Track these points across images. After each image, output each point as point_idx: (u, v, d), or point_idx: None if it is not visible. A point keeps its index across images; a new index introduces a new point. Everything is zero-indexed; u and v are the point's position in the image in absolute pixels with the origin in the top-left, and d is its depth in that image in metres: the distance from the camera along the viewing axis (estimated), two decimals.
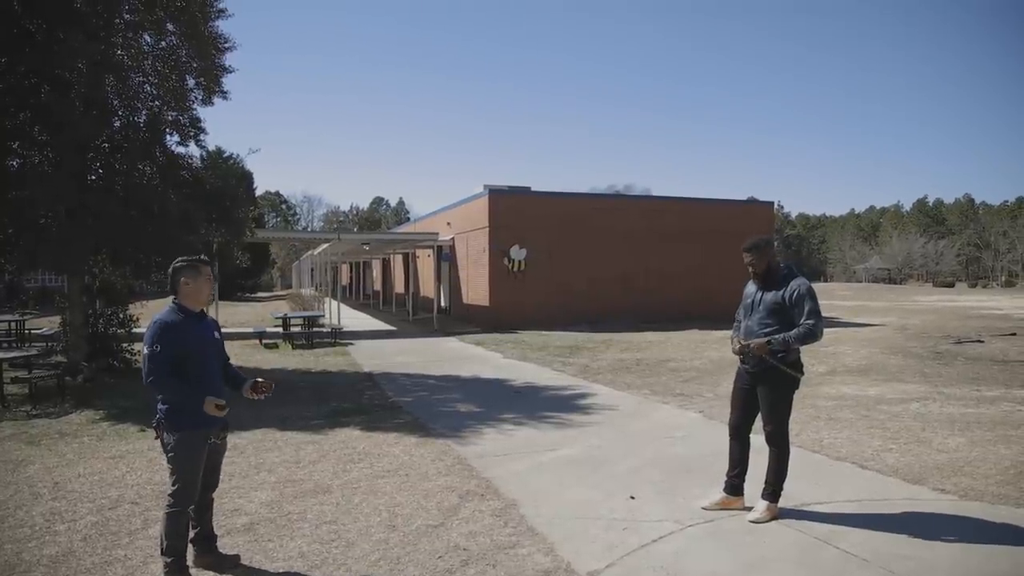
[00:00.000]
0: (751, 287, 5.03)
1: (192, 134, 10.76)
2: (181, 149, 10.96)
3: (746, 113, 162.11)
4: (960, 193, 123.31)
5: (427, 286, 30.09)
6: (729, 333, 5.22)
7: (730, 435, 5.12)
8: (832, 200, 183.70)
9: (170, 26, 10.35)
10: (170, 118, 10.57)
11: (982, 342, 16.22)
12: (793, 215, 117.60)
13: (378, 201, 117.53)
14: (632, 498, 5.31)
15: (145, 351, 3.78)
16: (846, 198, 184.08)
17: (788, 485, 4.92)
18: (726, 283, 23.31)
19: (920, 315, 26.97)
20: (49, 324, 16.67)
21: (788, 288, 4.74)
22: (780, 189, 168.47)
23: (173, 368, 3.78)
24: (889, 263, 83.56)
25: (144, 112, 10.47)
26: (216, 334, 4.13)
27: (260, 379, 4.16)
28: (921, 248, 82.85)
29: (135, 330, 12.19)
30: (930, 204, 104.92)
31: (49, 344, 13.83)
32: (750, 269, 4.92)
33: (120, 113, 10.42)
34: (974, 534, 4.53)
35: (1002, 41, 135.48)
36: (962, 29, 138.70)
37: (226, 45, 10.70)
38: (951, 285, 71.56)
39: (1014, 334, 17.98)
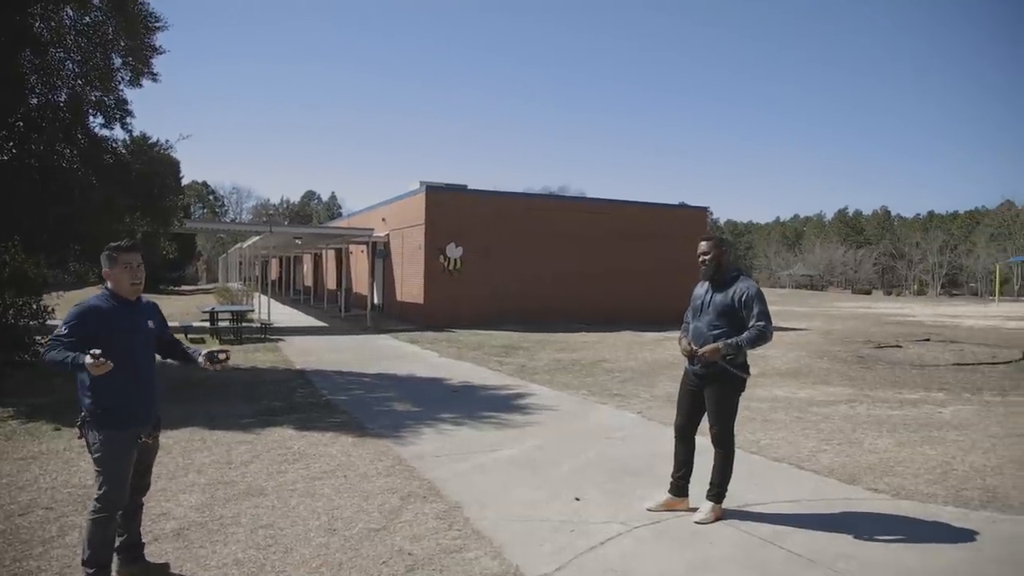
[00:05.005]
0: (699, 289, 5.05)
1: (117, 116, 10.14)
2: (105, 132, 10.34)
3: (678, 119, 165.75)
4: (878, 205, 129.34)
5: (360, 283, 29.56)
6: (665, 335, 5.23)
7: (676, 436, 5.12)
8: (758, 208, 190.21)
9: (95, 0, 9.75)
10: (94, 98, 9.95)
11: (900, 347, 16.96)
12: (722, 221, 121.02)
13: (310, 195, 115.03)
14: (577, 499, 5.25)
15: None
16: (772, 206, 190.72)
17: (731, 485, 4.96)
18: (660, 286, 23.83)
19: (842, 320, 28.09)
20: None
21: (737, 290, 4.77)
22: (709, 195, 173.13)
23: (74, 349, 3.44)
24: (812, 270, 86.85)
25: (65, 90, 9.82)
26: (150, 323, 3.85)
27: (215, 349, 3.95)
28: (842, 256, 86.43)
29: (49, 322, 11.46)
30: (850, 214, 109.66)
31: None
32: (701, 260, 4.92)
33: (38, 90, 9.76)
34: (909, 532, 4.66)
35: (922, 57, 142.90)
36: (881, 41, 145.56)
37: (157, 24, 10.14)
38: (868, 292, 74.97)
39: (928, 339, 18.89)
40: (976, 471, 6.10)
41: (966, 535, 4.60)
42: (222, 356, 3.91)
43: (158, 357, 3.98)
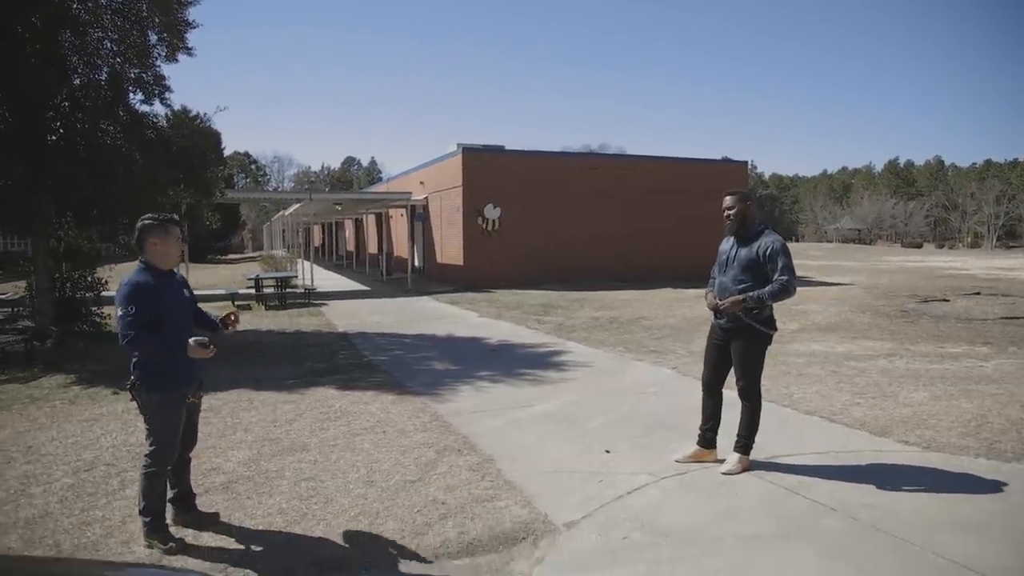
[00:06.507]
0: (725, 244, 5.08)
1: (156, 92, 10.43)
2: (145, 108, 10.64)
3: (721, 74, 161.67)
4: (931, 155, 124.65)
5: (401, 246, 29.91)
6: (703, 291, 5.28)
7: (703, 390, 5.21)
8: (805, 161, 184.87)
9: None
10: (132, 75, 10.24)
11: (947, 301, 16.61)
12: (766, 175, 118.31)
13: (350, 161, 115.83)
14: (607, 452, 5.40)
15: (119, 312, 3.70)
16: (819, 159, 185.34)
17: (760, 438, 5.04)
18: (699, 242, 23.50)
19: (888, 275, 27.49)
20: (14, 289, 16.29)
21: (762, 244, 4.78)
22: (754, 150, 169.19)
23: (148, 328, 3.72)
24: (860, 224, 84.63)
25: (105, 69, 10.12)
26: (186, 292, 4.07)
27: (221, 314, 4.16)
28: (891, 209, 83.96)
29: (104, 293, 11.98)
30: (901, 165, 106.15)
31: (15, 309, 13.54)
32: (726, 215, 4.94)
33: (80, 70, 10.07)
34: (936, 483, 4.69)
35: (977, 5, 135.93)
36: None
37: None
38: (919, 246, 72.82)
39: (978, 293, 18.43)
40: (1013, 424, 6.05)
41: (995, 486, 4.61)
42: (231, 319, 4.11)
43: None
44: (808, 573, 3.54)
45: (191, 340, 3.72)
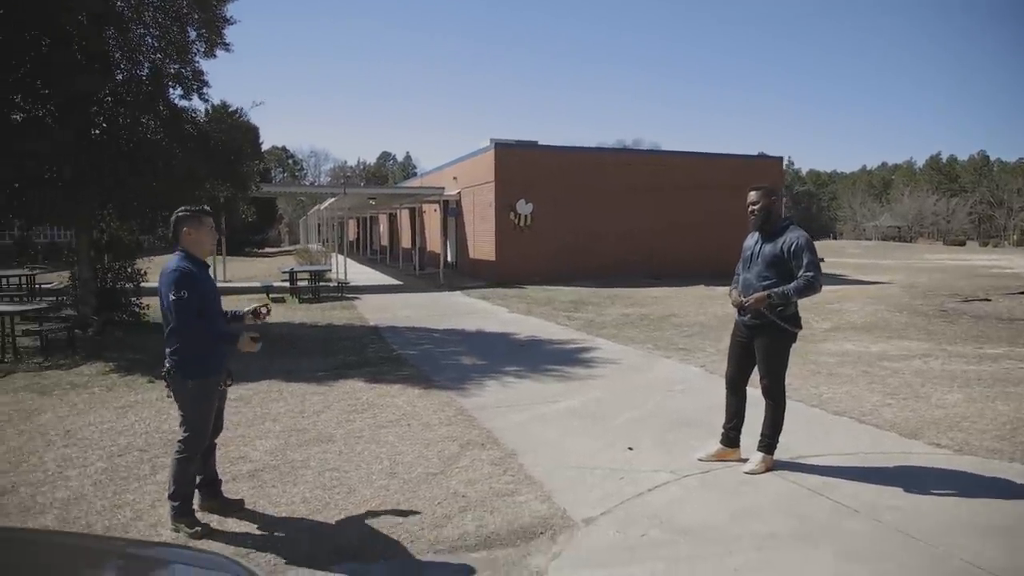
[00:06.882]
0: (750, 240, 5.03)
1: (195, 87, 10.66)
2: (184, 103, 10.88)
3: (758, 69, 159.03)
4: (975, 150, 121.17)
5: (433, 241, 30.09)
6: None
7: (727, 388, 5.18)
8: (844, 157, 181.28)
9: None
10: (172, 71, 10.46)
11: (989, 300, 16.19)
12: (804, 171, 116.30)
13: (385, 156, 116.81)
14: (630, 449, 5.40)
15: (172, 297, 3.80)
16: (858, 155, 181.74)
17: (785, 438, 4.99)
18: (733, 239, 23.20)
19: (928, 273, 26.86)
20: (59, 279, 16.82)
21: (786, 240, 4.73)
22: (791, 146, 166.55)
23: (197, 314, 3.84)
24: (900, 221, 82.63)
25: (146, 65, 10.37)
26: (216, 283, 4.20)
27: (256, 305, 4.26)
28: (933, 206, 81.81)
29: (143, 284, 12.29)
30: (943, 161, 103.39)
31: (59, 298, 13.96)
32: (750, 211, 4.90)
33: (122, 66, 10.34)
34: (965, 487, 4.59)
35: None
36: None
37: None
38: (962, 244, 70.90)
39: (1022, 293, 17.91)
40: None
41: None
42: (263, 311, 4.21)
43: None
44: (826, 574, 3.50)
45: (245, 332, 3.87)
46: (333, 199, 26.07)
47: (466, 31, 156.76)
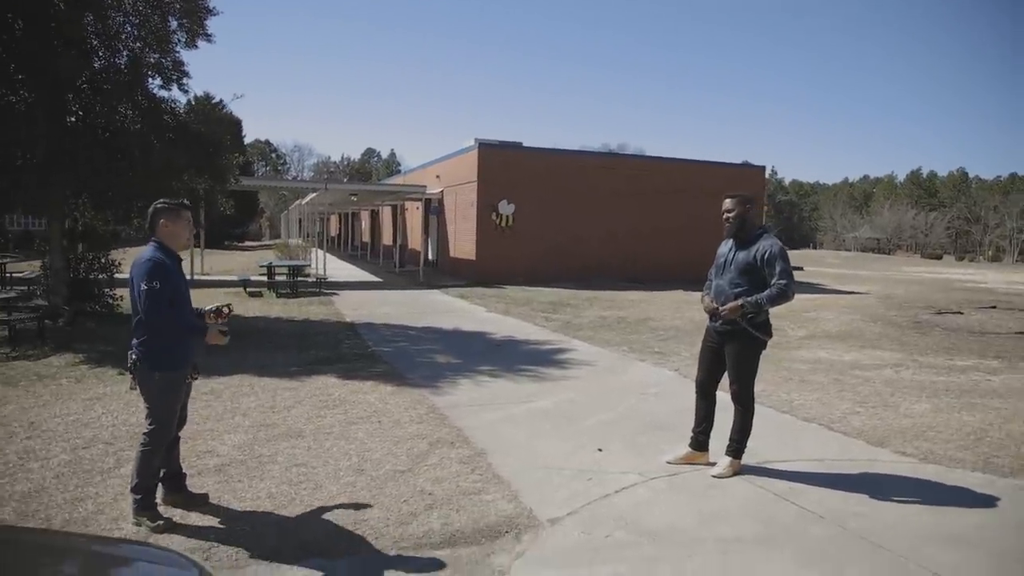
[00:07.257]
0: (724, 247, 5.07)
1: (175, 77, 10.54)
2: (164, 93, 10.76)
3: (746, 78, 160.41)
4: (955, 167, 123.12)
5: (415, 239, 30.00)
6: None
7: (697, 392, 5.21)
8: (827, 168, 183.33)
9: None
10: (152, 60, 10.34)
11: (961, 313, 16.42)
12: (787, 181, 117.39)
13: (369, 153, 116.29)
14: (599, 450, 5.41)
15: (143, 287, 3.75)
16: (840, 167, 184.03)
17: (754, 443, 5.03)
18: (714, 245, 23.22)
19: (905, 285, 27.21)
20: (31, 268, 16.54)
21: (760, 248, 4.77)
22: (775, 155, 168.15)
23: (167, 304, 3.81)
24: (879, 233, 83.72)
25: (125, 53, 10.25)
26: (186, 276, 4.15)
27: (218, 304, 4.19)
28: (912, 219, 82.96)
29: (117, 275, 12.13)
30: (924, 176, 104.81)
31: (30, 287, 13.74)
32: (725, 218, 4.93)
33: (100, 53, 10.20)
34: (928, 496, 4.65)
35: (1006, 14, 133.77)
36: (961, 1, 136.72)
37: None
38: (939, 257, 71.99)
39: (994, 307, 18.20)
40: (1012, 439, 5.99)
41: (987, 501, 4.57)
42: (225, 310, 4.15)
43: None
44: None
45: (210, 326, 3.89)
46: (315, 194, 25.86)
47: (455, 31, 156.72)
